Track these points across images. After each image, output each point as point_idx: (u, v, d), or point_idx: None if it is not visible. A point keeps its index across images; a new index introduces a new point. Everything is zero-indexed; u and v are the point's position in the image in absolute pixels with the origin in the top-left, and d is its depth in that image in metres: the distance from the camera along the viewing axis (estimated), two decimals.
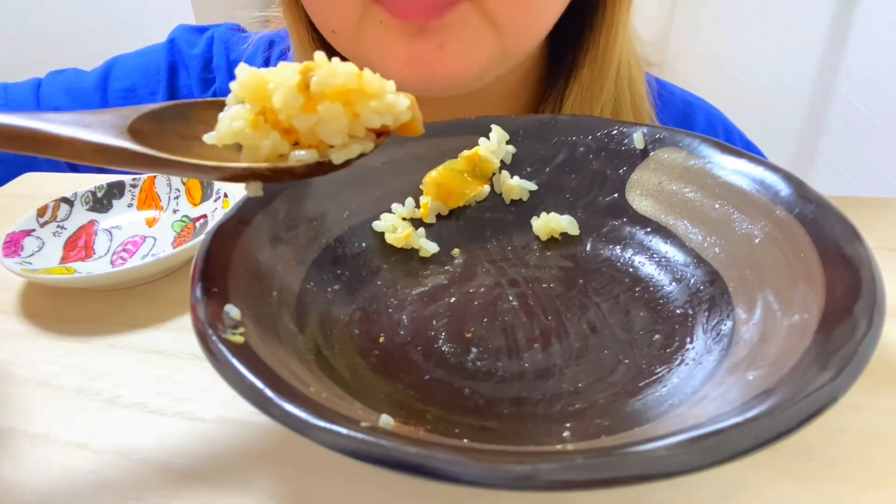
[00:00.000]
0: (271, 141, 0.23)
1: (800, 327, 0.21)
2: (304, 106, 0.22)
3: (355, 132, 0.23)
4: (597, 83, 0.45)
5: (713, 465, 0.16)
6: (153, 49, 0.57)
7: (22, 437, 0.25)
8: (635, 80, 0.47)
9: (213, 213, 0.36)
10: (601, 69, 0.45)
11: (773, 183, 0.26)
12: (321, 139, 0.23)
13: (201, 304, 0.21)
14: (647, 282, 0.28)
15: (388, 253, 0.31)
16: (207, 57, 0.55)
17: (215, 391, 0.26)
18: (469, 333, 0.26)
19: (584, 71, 0.45)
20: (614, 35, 0.44)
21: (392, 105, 0.23)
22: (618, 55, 0.45)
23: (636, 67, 0.48)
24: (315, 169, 0.23)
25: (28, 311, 0.32)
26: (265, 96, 0.22)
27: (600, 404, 0.22)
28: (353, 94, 0.23)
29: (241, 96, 0.23)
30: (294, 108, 0.22)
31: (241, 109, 0.23)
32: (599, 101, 0.45)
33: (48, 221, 0.37)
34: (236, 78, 0.23)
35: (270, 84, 0.22)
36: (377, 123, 0.23)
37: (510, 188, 0.32)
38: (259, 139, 0.23)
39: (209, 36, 0.56)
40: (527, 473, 0.16)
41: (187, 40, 0.56)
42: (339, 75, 0.22)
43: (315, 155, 0.23)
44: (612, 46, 0.44)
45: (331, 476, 0.22)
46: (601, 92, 0.45)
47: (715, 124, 0.55)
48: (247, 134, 0.23)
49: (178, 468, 0.23)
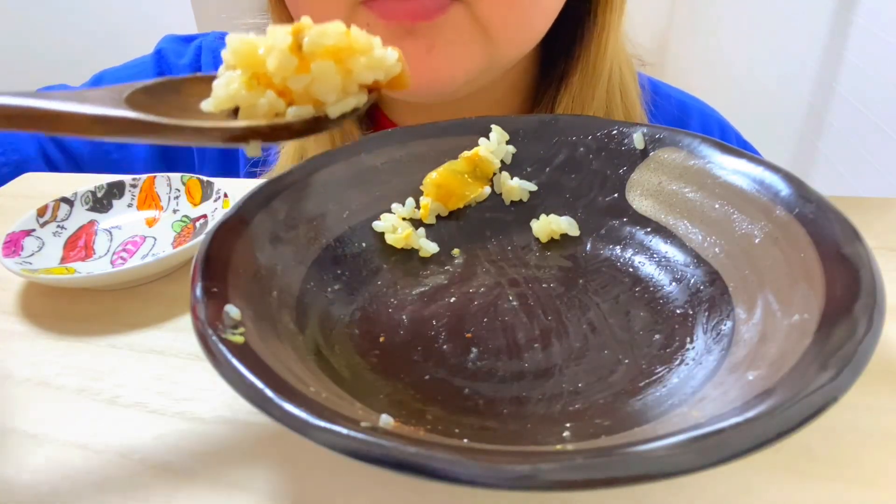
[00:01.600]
0: (267, 99, 0.23)
1: (800, 327, 0.21)
2: (297, 67, 0.23)
3: (348, 89, 0.24)
4: (588, 91, 0.45)
5: (713, 465, 0.16)
6: (140, 61, 0.57)
7: (22, 437, 0.25)
8: (627, 86, 0.47)
9: (213, 213, 0.36)
10: (592, 77, 0.44)
11: (773, 183, 0.26)
12: (316, 98, 0.23)
13: (201, 304, 0.21)
14: (647, 282, 0.28)
15: (388, 253, 0.31)
16: (196, 66, 0.55)
17: (215, 391, 0.26)
18: (469, 333, 0.26)
19: (575, 79, 0.45)
20: (605, 42, 0.44)
21: (382, 59, 0.24)
22: (609, 62, 0.45)
23: (628, 73, 0.48)
24: (313, 125, 0.24)
25: (28, 311, 0.32)
26: (258, 62, 0.23)
27: (600, 404, 0.22)
28: (344, 52, 0.23)
29: (233, 63, 0.23)
30: (288, 70, 0.23)
31: (234, 75, 0.23)
32: (591, 109, 0.45)
33: (48, 221, 0.37)
34: (227, 46, 0.23)
35: (261, 49, 0.23)
36: (370, 78, 0.24)
37: (510, 189, 0.32)
38: (255, 98, 0.23)
39: (197, 45, 0.56)
40: (527, 473, 0.16)
41: (174, 50, 0.56)
42: (329, 35, 0.23)
43: (311, 110, 0.23)
44: (604, 54, 0.44)
45: (331, 476, 0.22)
46: (592, 100, 0.45)
47: (710, 124, 0.54)
48: (243, 95, 0.23)
49: (178, 468, 0.23)
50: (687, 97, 0.56)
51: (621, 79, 0.47)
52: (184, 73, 0.55)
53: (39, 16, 1.79)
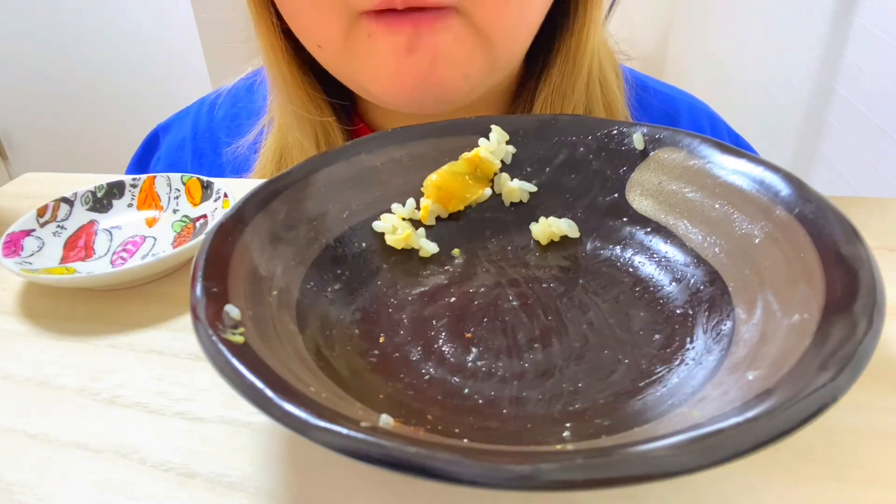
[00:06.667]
0: None
1: (800, 327, 0.21)
2: None
3: None
4: (568, 83, 0.45)
5: (713, 465, 0.16)
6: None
7: (22, 437, 0.25)
8: (607, 79, 0.47)
9: (213, 213, 0.36)
10: (573, 70, 0.44)
11: (773, 183, 0.26)
12: None
13: (201, 304, 0.21)
14: (647, 282, 0.28)
15: (388, 253, 0.31)
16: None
17: (215, 391, 0.26)
18: (469, 333, 0.26)
19: (555, 71, 0.44)
20: (586, 36, 0.43)
21: None
22: (590, 56, 0.44)
23: (608, 67, 0.47)
24: None
25: (28, 311, 0.32)
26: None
27: (600, 404, 0.22)
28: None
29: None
30: None
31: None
32: (571, 102, 0.45)
33: (48, 221, 0.37)
34: None
35: None
36: None
37: (510, 191, 0.32)
38: None
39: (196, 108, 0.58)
40: (527, 473, 0.16)
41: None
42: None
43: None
44: (585, 47, 0.44)
45: (331, 476, 0.22)
46: (572, 93, 0.45)
47: (699, 118, 0.54)
48: None
49: (178, 468, 0.23)
50: (675, 91, 0.55)
51: (601, 72, 0.46)
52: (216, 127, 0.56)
53: (40, 51, 1.80)
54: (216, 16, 1.55)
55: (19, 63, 1.84)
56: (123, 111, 1.84)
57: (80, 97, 1.87)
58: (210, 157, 0.55)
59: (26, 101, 1.90)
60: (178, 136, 0.57)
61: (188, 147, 0.56)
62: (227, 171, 0.53)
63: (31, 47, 1.81)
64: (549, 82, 0.45)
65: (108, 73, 1.81)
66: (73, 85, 1.85)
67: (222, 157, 0.54)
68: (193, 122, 0.57)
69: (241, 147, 0.52)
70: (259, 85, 0.54)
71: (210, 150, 0.55)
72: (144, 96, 1.79)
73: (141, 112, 1.72)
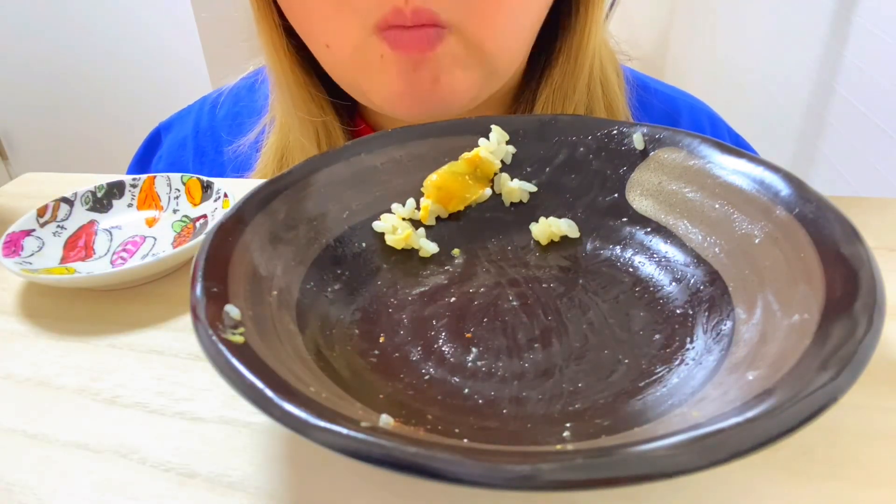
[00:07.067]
0: None
1: (800, 327, 0.21)
2: None
3: None
4: (569, 83, 0.45)
5: (713, 465, 0.16)
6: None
7: (22, 437, 0.25)
8: (609, 79, 0.47)
9: (213, 213, 0.36)
10: (574, 70, 0.45)
11: (773, 183, 0.26)
12: None
13: (201, 304, 0.21)
14: (647, 282, 0.28)
15: (388, 253, 0.31)
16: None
17: (215, 391, 0.26)
18: (469, 333, 0.26)
19: (556, 71, 0.45)
20: (588, 35, 0.44)
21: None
22: (591, 56, 0.45)
23: (609, 67, 0.48)
24: None
25: (28, 311, 0.32)
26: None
27: (600, 404, 0.22)
28: None
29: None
30: None
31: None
32: (572, 102, 0.45)
33: (48, 221, 0.37)
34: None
35: None
36: None
37: (510, 191, 0.32)
38: None
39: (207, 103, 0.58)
40: (527, 473, 0.16)
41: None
42: None
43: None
44: (586, 47, 0.44)
45: (331, 476, 0.22)
46: (573, 93, 0.45)
47: (700, 119, 0.54)
48: None
49: (178, 468, 0.23)
50: (675, 91, 0.55)
51: (602, 72, 0.47)
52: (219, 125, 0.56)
53: (40, 51, 1.80)
54: (216, 15, 1.55)
55: (19, 63, 1.84)
56: (123, 111, 1.84)
57: (80, 97, 1.87)
58: (212, 156, 0.55)
59: (26, 101, 1.90)
60: (180, 135, 0.57)
61: (190, 145, 0.56)
62: (229, 170, 0.53)
63: (31, 47, 1.81)
64: (551, 82, 0.45)
65: (108, 73, 1.81)
66: (73, 85, 1.85)
67: (224, 155, 0.54)
68: (195, 120, 0.57)
69: (243, 146, 0.52)
70: (260, 84, 0.54)
71: (212, 149, 0.55)
72: (144, 96, 1.79)
73: (141, 112, 1.72)
